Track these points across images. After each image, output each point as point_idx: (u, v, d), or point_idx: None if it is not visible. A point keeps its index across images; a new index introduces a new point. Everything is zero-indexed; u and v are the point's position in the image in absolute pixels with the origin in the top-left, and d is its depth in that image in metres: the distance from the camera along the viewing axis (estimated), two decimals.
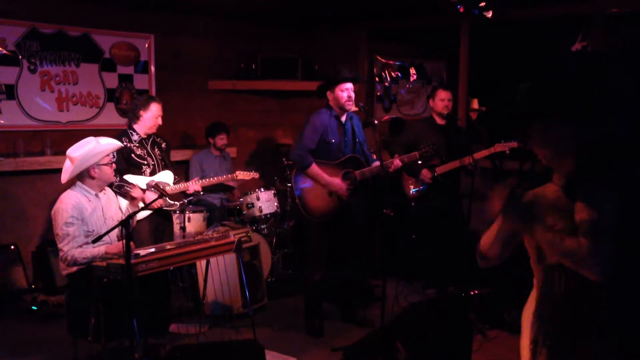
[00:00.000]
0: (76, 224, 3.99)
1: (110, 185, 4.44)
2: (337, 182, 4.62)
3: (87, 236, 4.02)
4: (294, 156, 4.69)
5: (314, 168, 4.60)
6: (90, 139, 4.18)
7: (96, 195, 4.16)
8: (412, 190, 5.51)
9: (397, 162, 4.70)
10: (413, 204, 5.57)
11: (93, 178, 4.12)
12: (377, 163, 4.64)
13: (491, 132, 6.49)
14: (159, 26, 6.44)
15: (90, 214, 4.08)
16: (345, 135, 4.72)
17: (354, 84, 4.70)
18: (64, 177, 4.11)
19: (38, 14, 5.57)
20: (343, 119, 4.72)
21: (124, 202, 4.56)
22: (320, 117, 4.66)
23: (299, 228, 6.35)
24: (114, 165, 4.26)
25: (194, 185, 5.00)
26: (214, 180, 5.27)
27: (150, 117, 4.84)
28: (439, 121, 5.48)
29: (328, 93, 4.67)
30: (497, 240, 2.45)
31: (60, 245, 3.99)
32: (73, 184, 4.17)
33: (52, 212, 4.06)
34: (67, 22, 5.75)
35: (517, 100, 2.37)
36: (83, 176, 4.12)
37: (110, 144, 4.18)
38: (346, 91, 4.59)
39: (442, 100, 5.38)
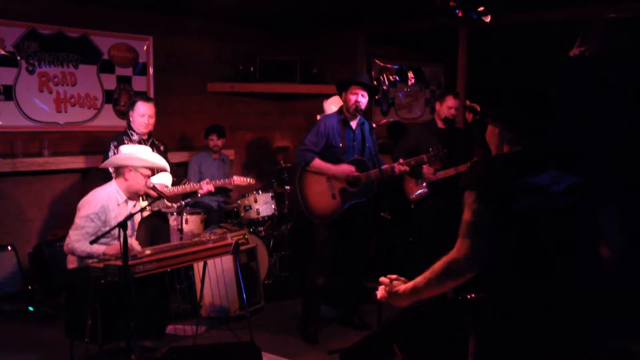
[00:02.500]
0: (95, 223, 4.04)
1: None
2: (344, 166, 4.57)
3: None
4: (296, 156, 4.69)
5: (317, 161, 4.57)
6: (148, 148, 4.35)
7: (126, 201, 4.20)
8: (415, 193, 5.53)
9: (400, 167, 4.67)
10: (413, 206, 5.58)
11: (126, 180, 4.17)
12: (385, 166, 4.65)
13: (483, 134, 6.50)
14: (158, 28, 6.45)
15: (115, 217, 4.11)
16: (354, 140, 4.69)
17: (369, 95, 4.66)
18: (103, 163, 4.31)
19: (37, 14, 5.58)
20: (354, 124, 4.69)
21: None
22: (327, 121, 4.65)
23: (298, 231, 6.36)
24: (149, 181, 4.26)
25: (207, 186, 5.02)
26: (219, 183, 5.28)
27: (136, 116, 4.86)
28: (440, 125, 5.49)
29: (343, 94, 4.67)
30: None
31: (70, 232, 4.03)
32: (110, 181, 4.25)
33: (80, 202, 4.13)
34: (66, 23, 5.76)
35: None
36: (119, 174, 4.20)
37: (159, 161, 4.27)
38: (355, 95, 4.57)
39: (449, 108, 5.40)
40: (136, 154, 4.17)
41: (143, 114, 4.85)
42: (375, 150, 4.58)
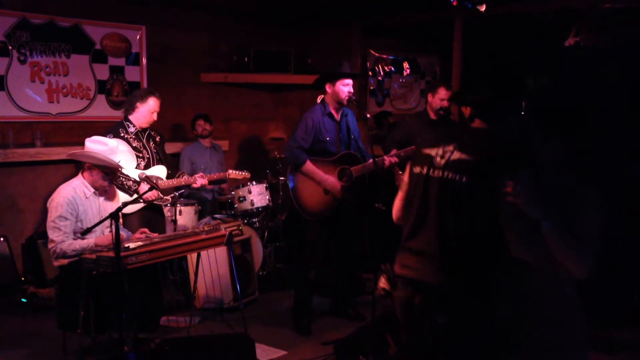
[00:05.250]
0: (69, 220, 3.98)
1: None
2: (331, 180, 4.56)
3: (78, 232, 4.01)
4: (287, 155, 4.61)
5: (308, 165, 4.54)
6: (116, 144, 4.20)
7: (95, 192, 4.15)
8: None
9: (390, 159, 4.65)
10: None
11: (89, 176, 4.13)
12: (378, 158, 4.62)
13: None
14: (151, 18, 6.39)
15: (85, 210, 4.06)
16: (340, 132, 4.66)
17: (353, 81, 4.65)
18: (67, 154, 4.23)
19: (28, 3, 5.52)
20: (337, 116, 4.66)
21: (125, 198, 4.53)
22: (313, 116, 4.59)
23: (292, 222, 6.34)
24: (107, 182, 4.18)
25: (201, 180, 4.98)
26: (214, 176, 5.25)
27: (146, 111, 4.80)
28: (433, 116, 5.47)
29: (328, 85, 4.59)
30: None
31: (50, 238, 3.99)
32: (75, 175, 4.19)
33: (48, 203, 4.07)
34: (58, 12, 5.70)
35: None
36: (83, 168, 4.14)
37: (116, 162, 4.12)
38: (347, 86, 4.54)
39: (442, 99, 5.38)
40: (93, 152, 4.05)
41: (154, 110, 4.81)
42: (361, 141, 4.55)
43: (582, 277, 2.24)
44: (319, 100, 5.68)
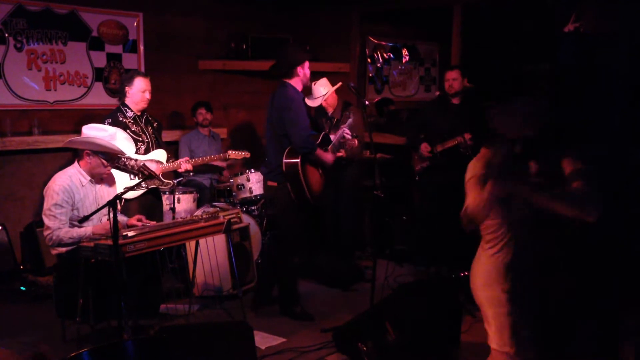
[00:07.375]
0: (65, 208, 3.95)
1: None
2: (330, 157, 4.67)
3: (74, 220, 3.99)
4: (302, 143, 4.40)
5: (317, 150, 4.57)
6: (114, 130, 4.18)
7: (91, 180, 4.12)
8: (418, 166, 5.62)
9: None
10: (417, 178, 5.64)
11: (86, 163, 4.09)
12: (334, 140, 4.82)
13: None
14: (148, 4, 6.34)
15: (81, 199, 4.04)
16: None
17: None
18: (65, 142, 4.18)
19: None
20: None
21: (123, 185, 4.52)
22: (299, 98, 4.52)
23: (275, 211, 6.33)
24: (108, 168, 4.17)
25: (185, 164, 4.97)
26: (206, 159, 5.24)
27: (136, 92, 4.77)
28: (454, 100, 5.50)
29: (299, 69, 4.51)
30: (489, 204, 2.68)
31: (45, 225, 3.97)
32: (72, 163, 4.16)
33: (44, 190, 4.05)
34: None
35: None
36: (80, 156, 4.10)
37: (119, 147, 4.10)
38: (309, 70, 4.57)
39: (446, 80, 5.46)
40: (98, 138, 4.03)
41: (144, 89, 4.78)
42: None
43: None
44: (313, 87, 5.57)
